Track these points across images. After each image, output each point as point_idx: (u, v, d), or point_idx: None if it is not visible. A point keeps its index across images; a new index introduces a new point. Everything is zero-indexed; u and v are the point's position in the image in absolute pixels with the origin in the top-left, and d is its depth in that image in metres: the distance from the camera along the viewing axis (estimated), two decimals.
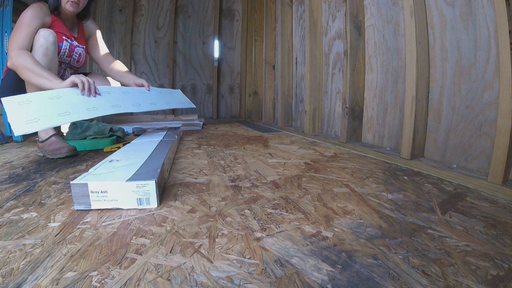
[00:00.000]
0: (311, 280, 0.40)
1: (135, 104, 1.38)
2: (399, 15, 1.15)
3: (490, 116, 0.83)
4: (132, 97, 1.41)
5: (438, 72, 0.99)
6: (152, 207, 0.66)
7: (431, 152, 1.03)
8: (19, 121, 0.98)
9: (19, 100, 1.02)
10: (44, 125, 1.02)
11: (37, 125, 1.00)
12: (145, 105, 1.43)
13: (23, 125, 0.98)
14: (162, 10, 2.87)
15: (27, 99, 1.05)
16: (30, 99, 1.05)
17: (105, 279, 0.41)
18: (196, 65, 3.02)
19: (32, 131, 0.99)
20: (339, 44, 1.54)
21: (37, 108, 1.04)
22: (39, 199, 0.73)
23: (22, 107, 1.01)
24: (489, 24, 0.82)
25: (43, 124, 1.01)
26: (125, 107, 1.31)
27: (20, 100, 1.03)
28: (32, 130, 0.99)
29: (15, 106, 1.01)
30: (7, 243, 0.51)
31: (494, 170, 0.75)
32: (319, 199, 0.70)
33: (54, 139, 1.24)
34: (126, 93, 1.40)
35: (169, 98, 1.65)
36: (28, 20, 1.20)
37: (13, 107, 1.00)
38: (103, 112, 1.19)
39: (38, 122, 1.01)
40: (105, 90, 1.28)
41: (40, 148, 1.26)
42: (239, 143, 1.51)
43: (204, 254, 0.47)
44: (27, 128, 0.98)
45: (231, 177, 0.89)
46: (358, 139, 1.40)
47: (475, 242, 0.49)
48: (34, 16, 1.21)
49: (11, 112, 0.99)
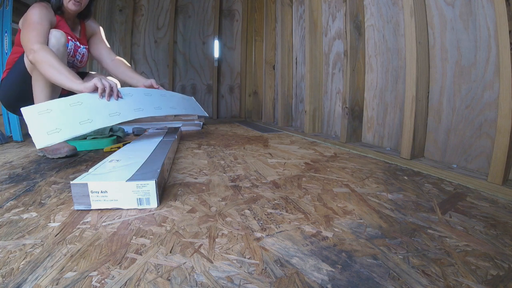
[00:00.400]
0: (311, 280, 0.40)
1: (157, 108, 1.34)
2: (399, 15, 1.15)
3: (490, 116, 0.83)
4: (154, 99, 1.36)
5: (438, 72, 0.99)
6: (152, 207, 0.66)
7: (431, 152, 1.03)
8: (40, 133, 0.94)
9: (39, 109, 0.99)
10: (66, 135, 0.97)
11: (59, 136, 0.96)
12: (165, 109, 1.39)
13: (45, 137, 0.94)
14: (162, 10, 2.87)
15: (48, 107, 1.00)
16: (51, 108, 1.01)
17: (105, 279, 0.41)
18: (196, 65, 3.02)
19: (54, 142, 0.95)
20: (339, 44, 1.54)
21: (58, 116, 0.99)
22: (39, 199, 0.73)
23: (43, 117, 0.97)
24: (489, 24, 0.82)
25: (65, 134, 0.97)
26: (147, 110, 1.27)
27: (40, 109, 0.99)
28: (54, 142, 0.95)
29: (36, 116, 0.97)
30: (7, 243, 0.51)
31: (494, 170, 0.75)
32: (319, 199, 0.70)
33: None
34: (148, 95, 1.35)
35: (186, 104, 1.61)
36: (39, 18, 1.17)
37: (33, 118, 0.96)
38: (125, 118, 1.14)
39: (59, 132, 0.96)
40: (127, 92, 1.25)
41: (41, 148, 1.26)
42: (239, 143, 1.51)
43: (204, 254, 0.47)
44: (49, 140, 0.94)
45: (231, 177, 0.89)
46: (358, 139, 1.40)
47: (475, 242, 0.49)
48: (44, 14, 1.19)
49: (32, 123, 0.95)
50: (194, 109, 1.68)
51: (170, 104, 1.45)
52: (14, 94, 1.29)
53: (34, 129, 0.94)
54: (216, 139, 1.69)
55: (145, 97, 1.33)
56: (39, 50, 1.09)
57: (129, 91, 1.27)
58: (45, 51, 1.10)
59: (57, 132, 0.96)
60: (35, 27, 1.15)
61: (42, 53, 1.09)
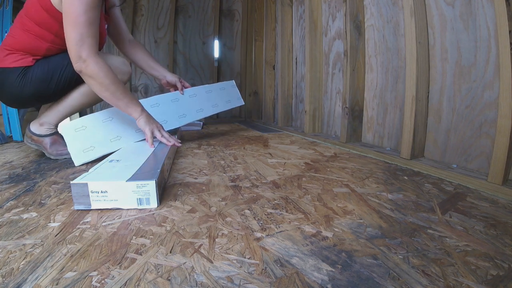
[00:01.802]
0: (311, 280, 0.40)
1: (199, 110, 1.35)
2: (399, 15, 1.15)
3: (490, 116, 0.83)
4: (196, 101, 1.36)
5: (438, 72, 0.99)
6: (152, 207, 0.66)
7: (431, 152, 1.03)
8: (78, 151, 1.04)
9: (76, 126, 1.06)
10: (99, 153, 1.07)
11: (93, 153, 1.06)
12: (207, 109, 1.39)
13: (82, 154, 1.04)
14: (162, 10, 2.87)
15: (83, 124, 1.08)
16: (85, 124, 1.08)
17: (105, 279, 0.41)
18: (196, 65, 3.02)
19: (89, 160, 1.05)
20: (339, 44, 1.54)
21: (92, 133, 1.08)
22: (39, 199, 0.73)
23: (79, 134, 1.06)
24: (489, 24, 0.82)
25: (98, 152, 1.07)
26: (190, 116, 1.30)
27: (77, 126, 1.06)
28: (89, 159, 1.05)
29: (73, 133, 1.05)
30: (7, 243, 0.51)
31: (494, 170, 0.75)
32: (319, 199, 0.70)
33: (56, 138, 1.17)
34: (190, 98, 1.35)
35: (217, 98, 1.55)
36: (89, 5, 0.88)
37: (71, 135, 1.04)
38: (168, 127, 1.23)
39: (93, 150, 1.06)
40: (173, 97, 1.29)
41: (35, 141, 1.15)
42: (239, 143, 1.51)
43: (204, 254, 0.47)
44: (85, 158, 1.05)
45: (231, 177, 0.89)
46: (358, 139, 1.40)
47: (475, 242, 0.49)
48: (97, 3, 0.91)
49: (70, 141, 1.04)
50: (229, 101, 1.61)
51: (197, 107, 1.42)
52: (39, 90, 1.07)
53: (72, 147, 1.04)
54: (216, 139, 1.69)
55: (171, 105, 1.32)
56: (89, 61, 0.90)
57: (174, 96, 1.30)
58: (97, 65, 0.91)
59: (91, 150, 1.06)
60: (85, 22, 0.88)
61: (93, 66, 0.90)
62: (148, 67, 1.34)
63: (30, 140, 1.17)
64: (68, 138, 1.03)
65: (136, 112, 1.05)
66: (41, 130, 1.16)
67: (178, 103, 1.34)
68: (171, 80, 1.35)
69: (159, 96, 1.34)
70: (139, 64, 1.35)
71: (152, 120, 1.11)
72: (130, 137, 1.14)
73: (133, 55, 1.33)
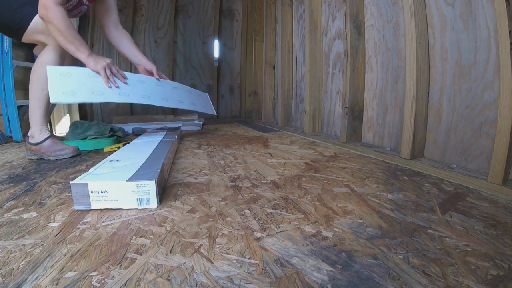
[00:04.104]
0: (311, 280, 0.40)
1: (164, 99, 1.38)
2: (399, 15, 1.15)
3: (490, 116, 0.83)
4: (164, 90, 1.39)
5: (438, 72, 0.99)
6: (152, 207, 0.66)
7: (431, 152, 1.03)
8: (57, 91, 1.05)
9: (62, 71, 1.09)
10: (78, 99, 1.10)
11: (72, 98, 1.08)
12: (172, 102, 1.41)
13: (60, 95, 1.06)
14: (162, 10, 2.86)
15: (69, 72, 1.11)
16: (72, 73, 1.11)
17: (105, 279, 0.41)
18: (196, 65, 3.02)
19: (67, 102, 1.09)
20: (339, 44, 1.54)
21: (76, 82, 1.10)
22: (39, 199, 0.73)
23: (63, 78, 1.08)
24: (489, 24, 0.82)
25: (77, 98, 1.09)
26: (154, 99, 1.32)
27: (63, 71, 1.09)
28: (67, 101, 1.08)
29: (57, 76, 1.07)
30: (7, 243, 0.51)
31: (494, 170, 0.75)
32: (319, 199, 0.70)
33: (52, 140, 1.20)
34: (159, 86, 1.38)
35: (196, 99, 1.62)
36: None
37: (55, 77, 1.07)
38: (132, 100, 1.23)
39: (74, 95, 1.08)
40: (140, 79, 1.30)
41: (34, 151, 1.19)
42: (239, 143, 1.51)
43: (204, 254, 0.47)
44: (63, 98, 1.07)
45: (231, 177, 0.89)
46: (358, 139, 1.40)
47: (475, 242, 0.49)
48: None
49: (52, 81, 1.06)
50: (204, 106, 1.67)
51: (178, 98, 1.46)
52: None
53: (52, 86, 1.06)
54: (216, 139, 1.69)
55: (155, 87, 1.37)
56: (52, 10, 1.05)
57: (143, 78, 1.33)
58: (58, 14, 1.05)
59: (72, 94, 1.08)
60: None
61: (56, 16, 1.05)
62: (130, 54, 1.44)
63: (30, 152, 1.22)
64: (51, 77, 1.05)
65: (84, 55, 1.13)
66: (37, 139, 1.20)
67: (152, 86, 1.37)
68: (148, 68, 1.41)
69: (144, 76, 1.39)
70: (123, 52, 1.45)
71: (101, 59, 1.16)
72: (113, 96, 1.16)
73: (118, 42, 1.44)
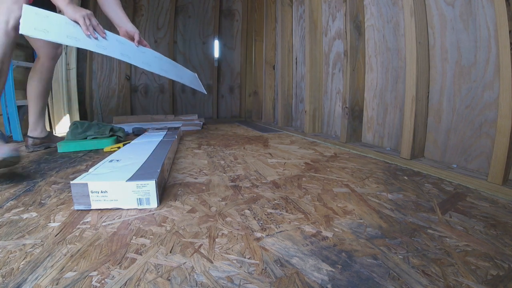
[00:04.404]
0: (311, 280, 0.40)
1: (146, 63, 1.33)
2: (399, 15, 1.15)
3: (490, 116, 0.83)
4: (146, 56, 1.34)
5: (438, 72, 0.99)
6: (152, 207, 0.66)
7: (431, 152, 1.03)
8: (30, 25, 1.00)
9: (38, 11, 1.04)
10: (49, 37, 1.04)
11: (43, 35, 1.03)
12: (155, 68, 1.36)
13: (32, 29, 1.01)
14: (162, 10, 2.87)
15: (47, 14, 1.06)
16: (48, 15, 1.07)
17: (105, 279, 0.41)
18: (196, 65, 3.02)
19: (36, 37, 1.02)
20: (339, 44, 1.54)
21: (51, 23, 1.05)
22: (39, 199, 0.73)
23: (38, 17, 1.04)
24: (489, 24, 0.82)
25: (49, 36, 1.04)
26: (134, 60, 1.28)
27: (39, 12, 1.05)
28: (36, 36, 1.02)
29: (33, 15, 1.03)
30: (7, 243, 0.51)
31: (494, 170, 0.75)
32: (319, 199, 0.70)
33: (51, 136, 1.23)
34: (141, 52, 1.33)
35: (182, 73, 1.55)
36: None
37: (30, 14, 1.02)
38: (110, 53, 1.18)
39: (46, 33, 1.03)
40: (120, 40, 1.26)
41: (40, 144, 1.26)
42: (239, 143, 1.51)
43: (204, 254, 0.47)
44: (33, 33, 1.01)
45: (231, 177, 0.89)
46: (358, 139, 1.40)
47: (475, 242, 0.49)
48: None
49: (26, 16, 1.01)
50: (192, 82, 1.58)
51: (161, 67, 1.39)
52: None
53: (25, 20, 1.00)
54: (216, 139, 1.69)
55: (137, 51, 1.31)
56: None
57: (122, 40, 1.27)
58: None
59: (43, 32, 1.03)
60: None
61: None
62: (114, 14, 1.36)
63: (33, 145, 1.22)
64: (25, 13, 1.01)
65: (63, 2, 1.09)
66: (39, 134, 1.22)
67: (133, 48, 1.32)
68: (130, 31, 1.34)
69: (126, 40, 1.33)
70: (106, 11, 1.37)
71: (81, 8, 1.12)
72: (89, 45, 1.12)
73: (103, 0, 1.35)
